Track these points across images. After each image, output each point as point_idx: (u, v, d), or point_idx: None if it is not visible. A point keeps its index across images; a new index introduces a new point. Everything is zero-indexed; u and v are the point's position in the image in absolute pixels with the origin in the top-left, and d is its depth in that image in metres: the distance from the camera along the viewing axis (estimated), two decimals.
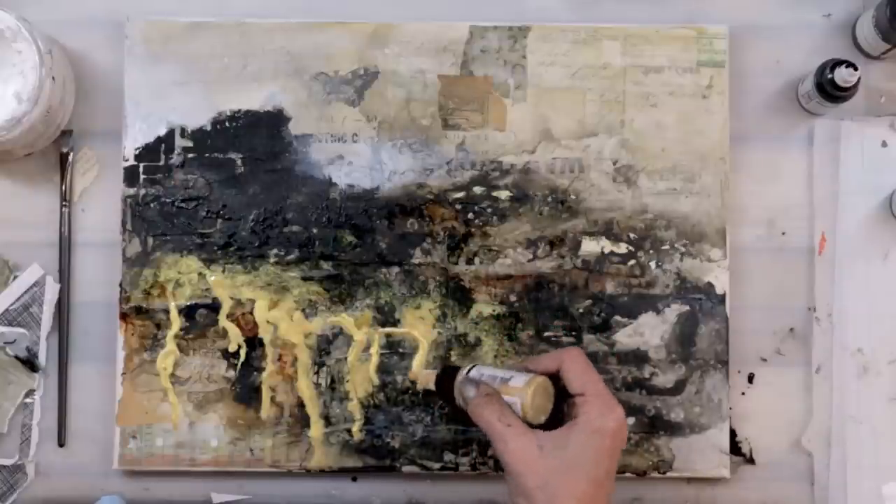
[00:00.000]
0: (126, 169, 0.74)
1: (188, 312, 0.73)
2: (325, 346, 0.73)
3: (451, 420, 0.73)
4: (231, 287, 0.73)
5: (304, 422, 0.73)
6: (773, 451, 0.75)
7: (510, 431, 0.61)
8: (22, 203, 0.75)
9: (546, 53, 0.75)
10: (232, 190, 0.74)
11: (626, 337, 0.73)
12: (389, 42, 0.75)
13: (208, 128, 0.74)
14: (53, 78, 0.70)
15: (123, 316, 0.73)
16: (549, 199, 0.74)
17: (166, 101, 0.74)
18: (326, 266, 0.74)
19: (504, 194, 0.74)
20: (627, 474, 0.73)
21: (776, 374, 0.75)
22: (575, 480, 0.60)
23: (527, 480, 0.60)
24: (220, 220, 0.74)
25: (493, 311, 0.73)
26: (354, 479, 0.74)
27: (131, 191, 0.74)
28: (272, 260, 0.73)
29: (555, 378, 0.63)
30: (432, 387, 0.69)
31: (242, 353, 0.73)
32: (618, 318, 0.74)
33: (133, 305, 0.73)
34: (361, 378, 0.73)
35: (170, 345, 0.73)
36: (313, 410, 0.73)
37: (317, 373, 0.73)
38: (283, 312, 0.73)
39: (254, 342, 0.73)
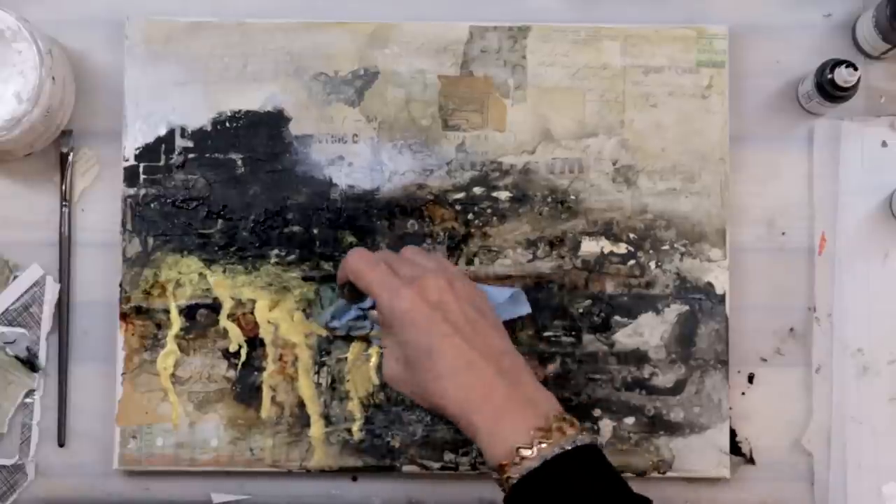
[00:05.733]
0: (126, 169, 0.74)
1: (189, 312, 0.73)
2: (325, 346, 0.73)
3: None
4: (231, 287, 0.73)
5: (305, 421, 0.73)
6: (773, 451, 0.75)
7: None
8: (22, 203, 0.75)
9: (546, 53, 0.75)
10: (232, 190, 0.74)
11: (626, 337, 0.73)
12: (389, 42, 0.74)
13: (208, 128, 0.74)
14: (53, 78, 0.70)
15: (123, 316, 0.73)
16: (549, 199, 0.74)
17: (166, 101, 0.74)
18: (327, 266, 0.73)
19: (504, 195, 0.74)
20: (627, 474, 0.73)
21: (776, 374, 0.75)
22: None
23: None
24: (220, 221, 0.74)
25: None
26: (354, 479, 0.74)
27: (131, 191, 0.74)
28: (273, 260, 0.73)
29: None
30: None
31: (243, 353, 0.73)
32: (617, 318, 0.74)
33: (133, 305, 0.73)
34: (362, 378, 0.73)
35: (170, 345, 0.73)
36: (313, 410, 0.73)
37: (317, 372, 0.73)
38: (284, 312, 0.73)
39: (254, 342, 0.73)
